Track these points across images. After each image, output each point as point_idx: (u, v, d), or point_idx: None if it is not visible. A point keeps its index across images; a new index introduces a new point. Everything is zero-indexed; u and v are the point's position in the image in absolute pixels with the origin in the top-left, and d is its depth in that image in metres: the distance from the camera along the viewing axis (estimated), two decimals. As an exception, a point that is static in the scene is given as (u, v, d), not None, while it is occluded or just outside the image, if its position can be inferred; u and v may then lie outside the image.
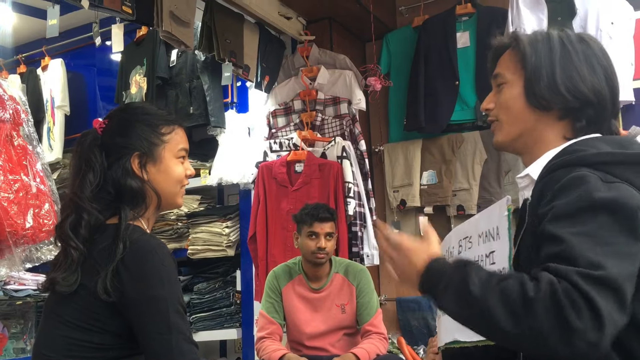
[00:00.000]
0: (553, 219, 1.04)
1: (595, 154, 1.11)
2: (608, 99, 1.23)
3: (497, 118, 1.31)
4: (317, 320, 2.71)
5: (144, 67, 3.83)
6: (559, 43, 1.24)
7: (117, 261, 1.31)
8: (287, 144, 3.45)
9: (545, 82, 1.22)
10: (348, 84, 3.51)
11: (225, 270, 3.72)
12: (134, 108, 1.58)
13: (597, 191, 1.03)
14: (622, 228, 1.00)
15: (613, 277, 0.94)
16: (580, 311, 0.92)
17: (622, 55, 3.11)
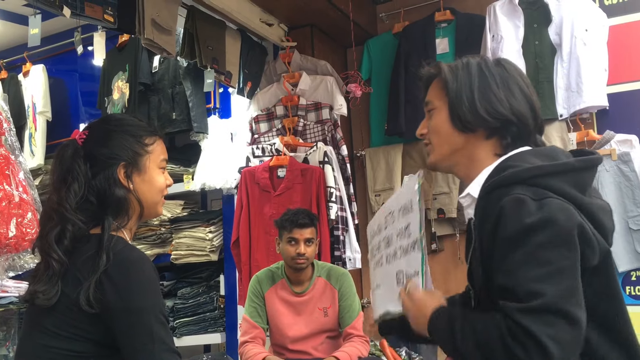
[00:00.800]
0: (498, 250, 1.15)
1: (525, 169, 1.20)
2: (529, 116, 1.31)
3: (430, 141, 1.41)
4: (300, 324, 2.75)
5: (127, 73, 3.84)
6: (477, 69, 1.33)
7: (101, 272, 1.33)
8: (269, 150, 3.49)
9: (466, 106, 1.31)
10: (329, 89, 3.55)
11: (208, 275, 3.74)
12: (117, 119, 1.59)
13: (529, 215, 1.12)
14: (556, 243, 1.10)
15: (552, 302, 1.06)
16: (525, 347, 1.05)
17: (596, 61, 3.19)
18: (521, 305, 1.07)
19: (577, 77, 3.18)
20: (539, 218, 1.11)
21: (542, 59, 3.30)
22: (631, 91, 3.21)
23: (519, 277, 1.10)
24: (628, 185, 3.06)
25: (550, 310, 1.05)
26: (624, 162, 3.08)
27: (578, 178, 1.22)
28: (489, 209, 1.20)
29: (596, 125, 3.27)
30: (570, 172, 1.21)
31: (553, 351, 1.03)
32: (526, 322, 1.05)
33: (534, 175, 1.18)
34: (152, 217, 1.64)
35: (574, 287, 1.09)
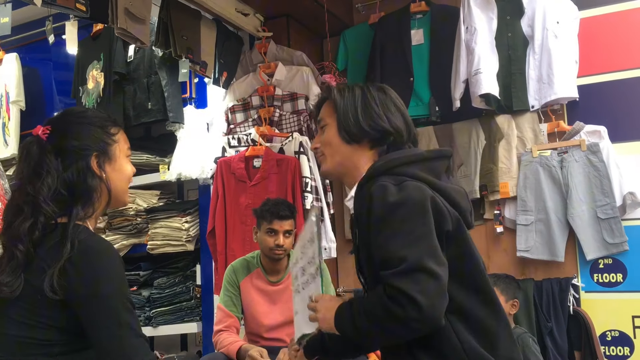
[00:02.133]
0: (372, 231, 1.38)
1: (385, 162, 1.47)
2: (403, 128, 1.55)
3: (323, 153, 1.62)
4: (275, 312, 2.77)
5: (101, 62, 3.81)
6: (360, 92, 1.58)
7: (65, 260, 1.35)
8: (245, 140, 3.49)
9: (352, 121, 1.55)
10: (305, 80, 3.56)
11: (185, 265, 3.75)
12: (80, 112, 1.63)
13: (391, 195, 1.36)
14: (414, 215, 1.34)
15: (414, 263, 1.28)
16: (400, 303, 1.26)
17: (567, 53, 3.25)
18: (393, 270, 1.29)
19: (549, 69, 3.23)
20: (398, 197, 1.36)
21: (515, 50, 3.35)
22: (600, 83, 3.28)
23: (389, 249, 1.32)
24: (596, 175, 3.13)
25: (414, 269, 1.28)
26: (592, 152, 3.14)
27: (430, 166, 1.48)
28: (361, 200, 1.44)
29: (566, 116, 3.33)
30: (421, 161, 1.48)
31: (422, 302, 1.25)
32: (398, 283, 1.27)
33: (393, 166, 1.45)
34: (120, 205, 1.68)
35: (431, 247, 1.32)
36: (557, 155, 3.22)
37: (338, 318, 1.42)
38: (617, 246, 3.09)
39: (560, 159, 3.20)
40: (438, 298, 1.28)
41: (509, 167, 3.32)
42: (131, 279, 3.76)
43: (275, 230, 2.69)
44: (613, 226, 3.09)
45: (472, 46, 3.29)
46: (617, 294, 3.14)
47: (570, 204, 3.15)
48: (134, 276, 3.76)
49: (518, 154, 3.32)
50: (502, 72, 3.30)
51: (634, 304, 3.10)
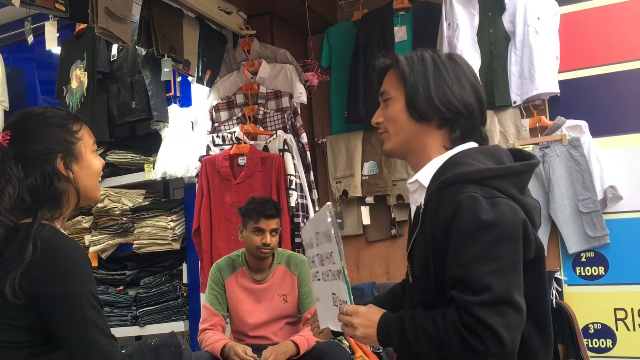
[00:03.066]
0: (453, 243, 1.25)
1: (478, 170, 1.30)
2: (476, 109, 1.42)
3: (386, 129, 1.47)
4: (260, 311, 2.78)
5: (85, 62, 3.79)
6: (432, 62, 1.42)
7: (27, 262, 1.33)
8: (229, 138, 3.50)
9: (422, 96, 1.40)
10: (289, 77, 3.57)
11: (171, 264, 3.75)
12: (38, 114, 1.55)
13: (483, 213, 1.23)
14: (506, 240, 1.22)
15: (500, 294, 1.19)
16: (480, 336, 1.17)
17: (548, 48, 3.27)
18: (476, 298, 1.19)
19: (530, 65, 3.25)
20: (491, 217, 1.22)
21: (497, 46, 3.37)
22: (581, 78, 3.30)
23: (473, 271, 1.20)
24: (578, 170, 3.16)
25: (501, 301, 1.18)
26: (574, 147, 3.17)
27: (519, 180, 1.35)
28: (445, 203, 1.29)
29: (548, 111, 3.36)
30: (515, 175, 1.33)
31: (506, 338, 1.17)
32: (482, 314, 1.17)
33: (486, 177, 1.29)
34: (91, 202, 1.66)
35: (518, 279, 1.23)
36: (539, 150, 3.24)
37: (384, 337, 1.33)
38: (598, 239, 3.13)
39: (542, 154, 3.23)
40: (519, 334, 1.20)
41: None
42: (117, 278, 3.76)
43: (262, 229, 2.69)
44: (595, 220, 3.12)
45: (454, 42, 3.31)
46: (599, 286, 3.18)
47: (552, 198, 3.18)
48: (120, 276, 3.76)
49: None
50: (484, 68, 3.32)
51: (615, 297, 3.14)
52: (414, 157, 1.46)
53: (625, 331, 3.09)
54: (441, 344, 1.22)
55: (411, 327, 1.27)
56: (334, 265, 1.44)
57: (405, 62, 1.43)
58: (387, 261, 3.75)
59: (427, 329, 1.24)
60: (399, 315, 1.33)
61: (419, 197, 1.44)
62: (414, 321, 1.28)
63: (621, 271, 3.14)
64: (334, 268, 1.45)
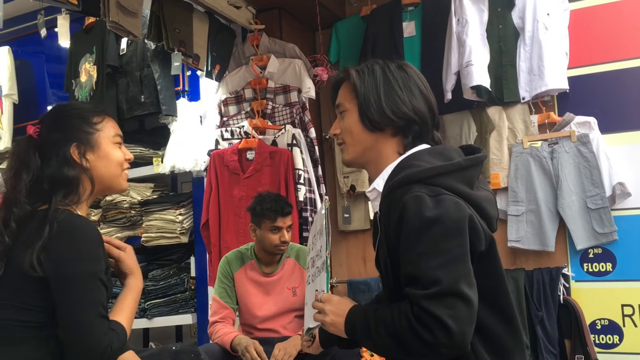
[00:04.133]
0: (403, 242, 1.30)
1: (421, 170, 1.34)
2: (427, 115, 1.47)
3: (344, 141, 1.53)
4: (269, 304, 2.80)
5: (94, 55, 3.81)
6: (382, 73, 1.46)
7: (44, 239, 1.41)
8: (238, 132, 3.51)
9: (374, 107, 1.44)
10: (297, 72, 3.57)
11: (179, 257, 3.77)
12: (64, 106, 1.71)
13: (427, 210, 1.27)
14: (451, 235, 1.26)
15: (448, 286, 1.22)
16: (429, 328, 1.21)
17: (557, 45, 3.26)
18: (425, 291, 1.23)
19: (539, 61, 3.25)
20: (435, 214, 1.27)
21: (506, 42, 3.36)
22: (590, 74, 3.30)
23: (421, 267, 1.25)
24: (586, 166, 3.16)
25: (448, 293, 1.22)
26: (582, 143, 3.17)
27: (466, 175, 1.38)
28: (393, 206, 1.34)
29: (557, 107, 3.36)
30: (459, 171, 1.37)
31: (454, 328, 1.20)
32: (431, 307, 1.21)
33: (429, 176, 1.33)
34: (116, 191, 1.73)
35: (466, 271, 1.26)
36: (548, 146, 3.24)
37: (350, 326, 1.37)
38: (606, 236, 3.13)
39: (551, 150, 3.23)
40: (469, 325, 1.23)
41: (500, 158, 3.35)
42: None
43: (279, 227, 2.71)
44: (603, 216, 3.12)
45: (463, 38, 3.31)
46: (606, 283, 3.18)
47: (561, 195, 3.18)
48: (128, 269, 3.77)
49: (509, 145, 3.35)
50: (493, 63, 3.32)
51: (623, 293, 3.15)
52: (373, 166, 1.50)
53: (632, 327, 3.10)
54: (396, 336, 1.27)
55: (373, 319, 1.32)
56: (320, 260, 1.49)
57: (356, 75, 1.47)
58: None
59: (385, 321, 1.29)
60: (365, 308, 1.38)
61: (376, 205, 1.48)
62: (375, 314, 1.33)
63: (629, 268, 3.14)
64: (320, 262, 1.50)
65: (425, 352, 1.23)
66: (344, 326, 1.38)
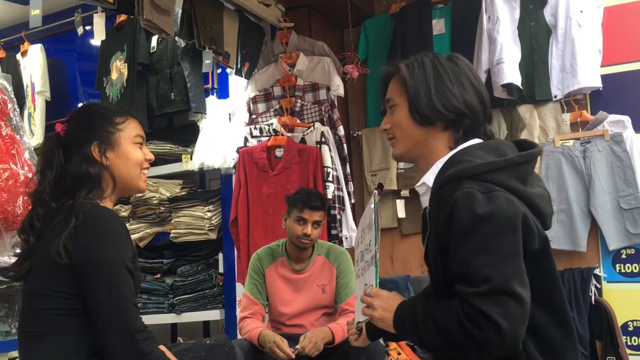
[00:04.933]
0: (453, 239, 1.28)
1: (473, 166, 1.33)
2: (479, 109, 1.44)
3: (394, 135, 1.51)
4: (299, 300, 2.81)
5: (125, 53, 3.85)
6: (432, 66, 1.44)
7: (70, 228, 1.46)
8: (267, 130, 3.52)
9: (424, 101, 1.43)
10: (326, 70, 3.58)
11: (207, 253, 3.80)
12: (90, 106, 1.82)
13: (479, 207, 1.25)
14: (503, 232, 1.24)
15: (499, 284, 1.20)
16: (480, 326, 1.19)
17: (590, 42, 3.23)
18: (475, 289, 1.21)
19: (572, 59, 3.22)
20: (487, 210, 1.25)
21: (538, 40, 3.33)
22: (624, 72, 3.25)
23: (471, 265, 1.23)
24: (620, 166, 3.11)
25: (499, 291, 1.20)
26: (616, 142, 3.13)
27: (519, 171, 1.35)
28: (443, 202, 1.32)
29: (589, 106, 3.32)
30: (512, 167, 1.34)
31: (505, 327, 1.18)
32: (481, 304, 1.19)
33: (481, 172, 1.31)
34: (135, 192, 1.78)
35: (518, 269, 1.23)
36: (580, 145, 3.21)
37: (399, 322, 1.36)
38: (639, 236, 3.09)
39: (583, 149, 3.19)
40: (521, 324, 1.21)
41: (531, 157, 3.31)
42: (155, 266, 3.83)
43: (304, 219, 2.71)
44: (636, 216, 3.08)
45: (494, 35, 3.28)
46: (639, 284, 3.14)
47: (593, 194, 3.14)
48: (157, 264, 3.83)
49: (540, 144, 3.31)
50: (525, 61, 3.29)
51: (656, 295, 3.10)
52: (423, 161, 1.48)
53: (665, 329, 3.06)
54: (445, 332, 1.25)
55: (422, 315, 1.31)
56: (369, 254, 1.47)
57: (405, 69, 1.45)
58: (421, 254, 3.68)
59: (434, 318, 1.28)
60: (414, 303, 1.37)
61: (426, 200, 1.47)
62: (424, 310, 1.31)
63: (663, 269, 3.10)
64: (369, 256, 1.48)
65: (476, 350, 1.22)
66: (392, 321, 1.37)
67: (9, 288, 3.18)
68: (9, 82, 2.66)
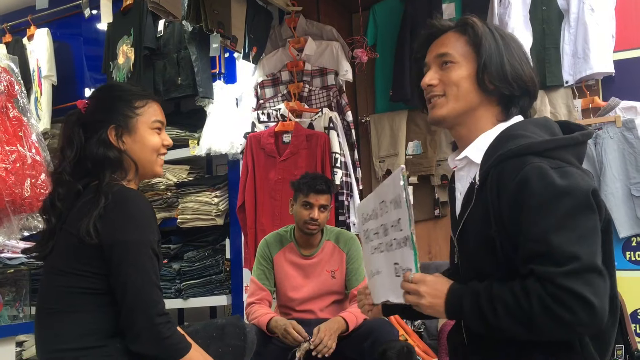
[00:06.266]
0: (525, 216, 1.21)
1: (539, 142, 1.27)
2: (536, 87, 1.41)
3: (445, 93, 1.41)
4: (308, 286, 2.80)
5: (131, 37, 3.82)
6: (500, 37, 1.40)
7: (100, 209, 1.46)
8: (274, 115, 3.50)
9: (497, 69, 1.37)
10: (335, 55, 3.55)
11: (214, 239, 3.79)
12: (111, 86, 1.81)
13: (555, 182, 1.19)
14: (582, 208, 1.19)
15: (587, 262, 1.15)
16: (570, 307, 1.13)
17: (603, 27, 3.19)
18: (562, 269, 1.14)
19: (584, 44, 3.17)
20: (564, 185, 1.19)
21: (549, 24, 3.29)
22: (637, 58, 3.21)
23: (553, 242, 1.16)
24: (631, 152, 3.08)
25: (587, 269, 1.14)
26: (628, 129, 3.09)
27: (579, 150, 1.32)
28: (507, 177, 1.25)
29: (601, 91, 3.28)
30: (575, 146, 1.30)
31: (597, 305, 1.13)
32: (571, 284, 1.13)
33: (548, 148, 1.26)
34: (151, 176, 1.76)
35: (599, 245, 1.19)
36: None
37: (453, 308, 1.28)
38: (651, 224, 3.06)
39: (595, 136, 3.16)
40: (607, 299, 1.16)
41: (541, 143, 3.29)
42: (162, 251, 3.81)
43: (310, 203, 2.70)
44: (647, 204, 3.05)
45: (505, 20, 3.24)
46: (649, 272, 3.12)
47: (604, 181, 3.11)
48: (164, 249, 3.82)
49: (551, 130, 3.28)
50: (536, 46, 3.25)
51: (666, 283, 3.08)
52: (465, 129, 1.41)
53: (675, 318, 3.04)
54: (524, 317, 1.17)
55: (487, 299, 1.22)
56: (400, 233, 1.36)
57: (482, 31, 1.38)
58: (429, 241, 3.74)
59: (505, 301, 1.20)
60: (472, 287, 1.28)
61: (466, 174, 1.41)
62: (489, 293, 1.23)
63: (673, 257, 3.08)
64: (400, 235, 1.37)
65: (560, 333, 1.17)
66: (444, 307, 1.29)
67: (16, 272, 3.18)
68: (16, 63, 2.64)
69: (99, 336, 1.49)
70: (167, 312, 1.52)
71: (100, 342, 1.49)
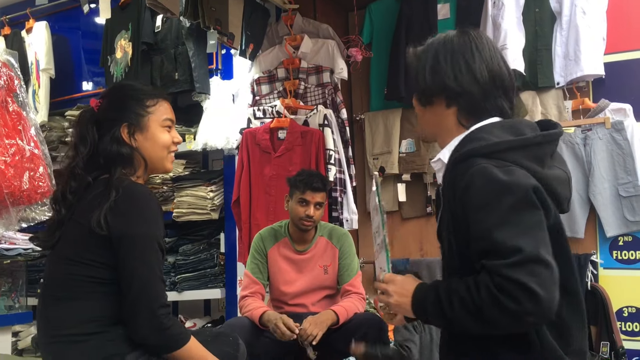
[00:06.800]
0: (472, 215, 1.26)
1: (487, 145, 1.32)
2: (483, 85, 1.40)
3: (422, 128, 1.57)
4: (301, 280, 2.84)
5: (129, 32, 3.85)
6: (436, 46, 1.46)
7: (111, 202, 1.52)
8: (270, 111, 3.54)
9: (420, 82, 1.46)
10: (330, 53, 3.59)
11: (209, 233, 3.83)
12: (124, 85, 1.86)
13: (496, 180, 1.24)
14: (524, 205, 1.23)
15: (531, 253, 1.18)
16: (514, 296, 1.16)
17: (594, 29, 3.23)
18: (506, 261, 1.18)
19: (576, 46, 3.22)
20: (504, 183, 1.24)
21: (542, 26, 3.34)
22: (627, 60, 3.27)
23: (498, 238, 1.21)
24: (620, 153, 3.14)
25: (531, 260, 1.18)
26: (617, 130, 3.15)
27: (536, 151, 1.34)
28: (457, 180, 1.31)
29: (592, 93, 3.33)
30: (528, 147, 1.32)
31: (542, 294, 1.16)
32: (515, 274, 1.16)
33: (495, 150, 1.31)
34: (161, 172, 1.82)
35: (544, 238, 1.22)
36: (581, 132, 3.23)
37: (418, 305, 1.34)
38: (637, 224, 3.12)
39: (584, 137, 3.21)
40: (555, 291, 1.18)
41: (531, 143, 3.33)
42: (157, 245, 3.86)
43: (306, 200, 2.74)
44: (634, 204, 3.11)
45: (498, 21, 3.29)
46: (635, 271, 3.18)
47: (592, 181, 3.17)
48: (159, 243, 3.85)
49: (542, 130, 3.33)
50: (528, 48, 3.30)
51: (652, 281, 3.14)
52: (440, 139, 1.50)
53: (660, 316, 3.11)
54: (475, 308, 1.21)
55: (445, 294, 1.27)
56: (379, 237, 1.47)
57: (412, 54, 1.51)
58: (420, 238, 3.79)
59: (460, 295, 1.24)
60: (434, 285, 1.34)
61: (441, 176, 1.47)
62: (448, 288, 1.28)
63: (659, 256, 3.14)
64: (379, 239, 1.48)
65: (508, 323, 1.20)
66: (410, 306, 1.35)
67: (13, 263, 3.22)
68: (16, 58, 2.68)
69: (101, 323, 1.55)
70: (169, 304, 1.59)
71: (102, 328, 1.55)
